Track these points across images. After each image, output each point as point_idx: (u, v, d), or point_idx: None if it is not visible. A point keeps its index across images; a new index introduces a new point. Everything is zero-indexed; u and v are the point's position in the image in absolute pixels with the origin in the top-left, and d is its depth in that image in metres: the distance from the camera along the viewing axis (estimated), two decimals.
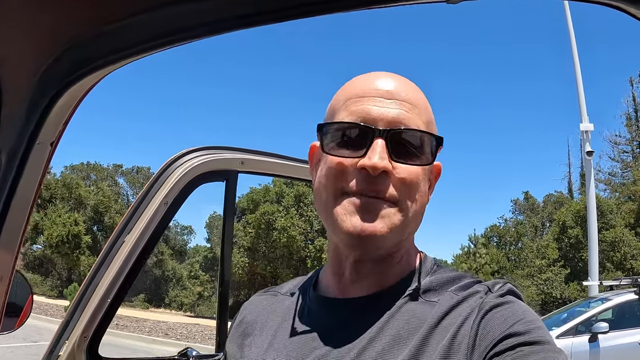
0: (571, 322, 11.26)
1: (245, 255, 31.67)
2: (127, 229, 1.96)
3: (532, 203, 38.44)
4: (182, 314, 33.74)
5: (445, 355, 0.97)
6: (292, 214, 31.25)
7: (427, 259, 1.19)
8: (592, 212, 18.19)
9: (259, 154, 2.26)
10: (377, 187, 1.04)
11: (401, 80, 1.12)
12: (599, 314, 11.47)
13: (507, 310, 1.01)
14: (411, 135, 1.07)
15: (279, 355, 1.11)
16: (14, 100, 1.17)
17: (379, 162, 1.02)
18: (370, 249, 1.07)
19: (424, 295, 1.09)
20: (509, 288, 1.09)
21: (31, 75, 1.14)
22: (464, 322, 1.01)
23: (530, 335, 0.95)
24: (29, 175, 1.25)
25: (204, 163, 2.07)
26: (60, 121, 1.23)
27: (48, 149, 1.27)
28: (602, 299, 12.36)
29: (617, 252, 28.73)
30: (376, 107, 1.07)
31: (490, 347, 0.95)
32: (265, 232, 31.42)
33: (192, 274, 37.22)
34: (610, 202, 31.30)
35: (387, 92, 1.08)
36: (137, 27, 1.05)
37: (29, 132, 1.20)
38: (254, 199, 32.84)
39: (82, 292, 1.95)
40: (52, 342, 1.95)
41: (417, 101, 1.11)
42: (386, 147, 1.04)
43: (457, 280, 1.12)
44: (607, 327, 10.78)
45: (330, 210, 1.08)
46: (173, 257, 41.64)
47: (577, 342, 10.73)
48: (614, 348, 10.68)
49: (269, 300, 1.31)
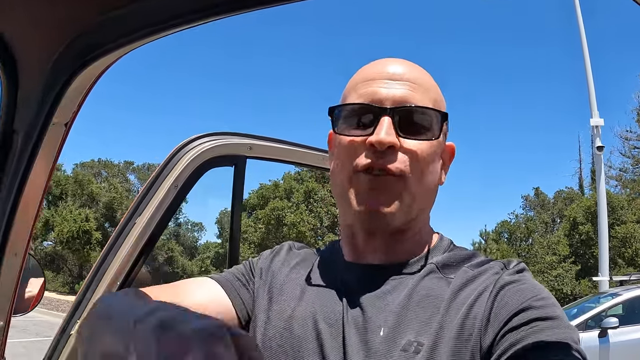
0: (581, 317, 11.16)
1: (255, 251, 31.72)
2: (138, 212, 2.00)
3: (542, 199, 38.28)
4: None
5: (461, 330, 1.00)
6: (301, 210, 31.32)
7: (444, 238, 1.23)
8: (602, 207, 18.09)
9: (267, 140, 2.29)
10: (384, 162, 1.07)
11: (408, 64, 1.17)
12: (609, 309, 11.38)
13: (522, 286, 1.03)
14: (417, 111, 1.11)
15: (305, 314, 1.13)
16: (30, 82, 1.21)
17: (385, 137, 1.06)
18: (380, 225, 1.11)
19: (442, 271, 1.12)
20: (523, 266, 1.12)
21: (46, 59, 1.18)
22: (479, 296, 1.03)
23: (546, 310, 0.97)
24: (44, 155, 1.29)
25: (213, 148, 2.10)
26: (74, 103, 1.27)
27: (63, 129, 1.30)
28: (612, 294, 12.27)
29: (628, 248, 28.58)
30: (383, 88, 1.11)
31: (505, 321, 0.97)
32: (275, 228, 31.49)
33: (203, 270, 37.28)
34: (621, 198, 31.15)
35: (394, 74, 1.13)
36: (143, 12, 1.09)
37: (44, 113, 1.24)
38: (263, 195, 32.95)
39: (94, 272, 1.99)
40: (64, 321, 1.99)
41: (422, 80, 1.15)
42: (393, 124, 1.08)
43: (473, 257, 1.15)
44: (617, 322, 10.69)
45: (343, 191, 1.13)
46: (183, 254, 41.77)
47: (586, 337, 10.64)
48: (624, 343, 10.60)
49: (302, 254, 1.33)
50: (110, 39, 1.14)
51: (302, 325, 1.12)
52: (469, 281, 1.08)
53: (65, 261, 38.06)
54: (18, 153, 1.27)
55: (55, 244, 37.16)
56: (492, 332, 0.97)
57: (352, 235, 1.19)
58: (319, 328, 1.10)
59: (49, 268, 37.22)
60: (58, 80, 1.20)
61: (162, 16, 1.07)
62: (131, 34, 1.12)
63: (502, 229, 35.69)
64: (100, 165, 44.52)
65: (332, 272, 1.21)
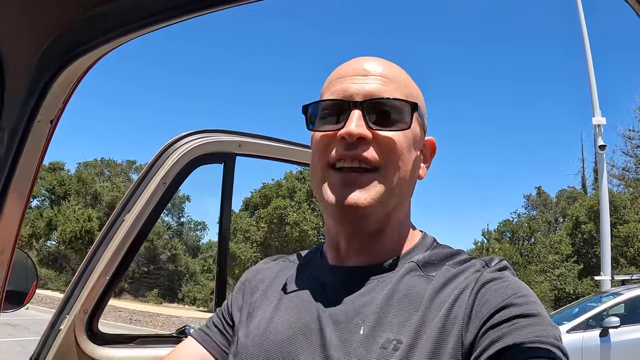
0: (582, 317, 11.13)
1: (258, 250, 31.74)
2: (127, 209, 2.01)
3: (544, 198, 38.20)
4: (195, 309, 33.84)
5: (442, 328, 1.00)
6: (304, 209, 31.30)
7: (427, 236, 1.23)
8: (604, 206, 18.06)
9: (257, 137, 2.30)
10: (356, 152, 1.09)
11: (381, 61, 1.19)
12: (610, 309, 11.35)
13: (503, 283, 1.03)
14: (386, 103, 1.12)
15: (286, 318, 1.15)
16: (14, 79, 1.21)
17: (354, 128, 1.08)
18: (356, 221, 1.12)
19: (423, 269, 1.12)
20: (505, 264, 1.12)
21: (30, 56, 1.19)
22: (460, 294, 1.03)
23: (527, 307, 0.97)
24: (29, 152, 1.29)
25: (202, 145, 2.11)
26: (59, 100, 1.27)
27: (48, 126, 1.30)
28: (613, 293, 12.22)
29: (630, 248, 28.51)
30: (354, 84, 1.13)
31: (486, 319, 0.97)
32: (277, 227, 31.49)
33: (205, 269, 37.30)
34: (623, 197, 31.07)
35: (364, 70, 1.15)
36: (127, 8, 1.09)
37: (29, 110, 1.24)
38: (266, 194, 32.92)
39: (83, 268, 2.00)
40: (53, 317, 2.00)
41: (394, 75, 1.17)
42: (363, 117, 1.10)
43: (456, 255, 1.15)
44: (618, 322, 10.65)
45: (319, 187, 1.14)
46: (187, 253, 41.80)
47: (588, 336, 10.62)
48: (625, 343, 10.56)
49: (279, 265, 1.36)
50: (94, 35, 1.14)
51: (276, 332, 1.14)
52: (450, 279, 1.08)
53: (68, 260, 38.10)
54: (4, 150, 1.27)
55: (58, 243, 37.21)
56: (474, 330, 0.98)
57: (334, 238, 1.20)
58: (294, 332, 1.11)
59: (51, 267, 37.31)
60: (42, 77, 1.20)
61: (147, 12, 1.08)
62: (115, 30, 1.12)
63: (505, 228, 35.60)
64: (102, 164, 44.60)
65: (313, 276, 1.23)
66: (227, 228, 2.20)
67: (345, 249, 1.18)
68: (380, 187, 1.10)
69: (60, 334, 1.96)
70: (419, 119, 1.18)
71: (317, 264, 1.26)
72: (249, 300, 1.28)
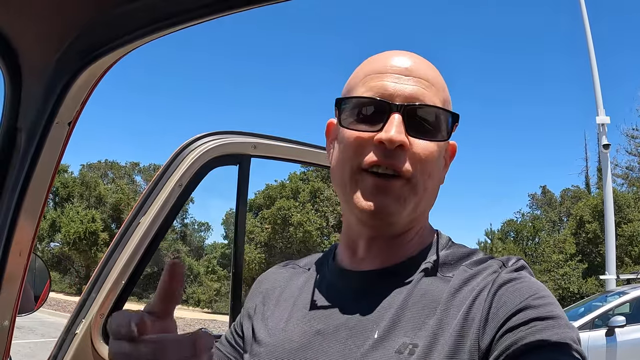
0: (588, 316, 11.11)
1: (262, 251, 31.71)
2: (143, 211, 2.01)
3: (549, 197, 38.14)
4: (199, 310, 33.84)
5: (460, 330, 0.98)
6: (307, 210, 31.27)
7: (442, 235, 1.20)
8: (609, 205, 18.02)
9: (272, 139, 2.29)
10: (393, 161, 1.05)
11: (419, 59, 1.13)
12: (616, 308, 11.34)
13: (521, 284, 1.00)
14: (427, 111, 1.08)
15: (299, 326, 1.13)
16: (33, 81, 1.21)
17: (396, 135, 1.03)
18: (384, 227, 1.09)
19: (439, 270, 1.10)
20: (522, 264, 1.09)
21: (49, 57, 1.19)
22: (477, 296, 1.01)
23: (545, 309, 0.95)
24: (47, 154, 1.29)
25: (217, 147, 2.11)
26: (77, 102, 1.27)
27: (66, 128, 1.30)
28: (619, 292, 12.21)
29: (634, 247, 28.44)
30: (393, 83, 1.07)
31: (504, 321, 0.95)
32: (281, 228, 31.46)
33: (209, 270, 37.30)
34: (627, 196, 31.00)
35: (405, 70, 1.09)
36: (145, 9, 1.08)
37: (48, 112, 1.24)
38: (270, 195, 32.91)
39: (99, 271, 2.00)
40: (69, 320, 2.00)
41: (435, 79, 1.12)
42: (403, 122, 1.05)
43: (472, 255, 1.12)
44: (624, 321, 10.63)
45: (347, 187, 1.10)
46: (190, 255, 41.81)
47: (593, 336, 10.59)
48: (631, 342, 10.53)
49: (289, 272, 1.33)
50: (112, 37, 1.14)
51: (290, 340, 1.12)
52: (468, 280, 1.06)
53: (72, 262, 38.14)
54: (22, 151, 1.27)
55: (62, 245, 37.22)
56: (491, 332, 0.96)
57: (352, 241, 1.17)
58: (308, 339, 1.09)
59: (56, 269, 37.30)
60: (61, 79, 1.20)
61: (165, 13, 1.06)
62: (133, 32, 1.11)
63: (509, 228, 35.55)
64: (106, 166, 44.61)
65: (326, 281, 1.20)
66: (243, 229, 2.19)
67: (364, 252, 1.15)
68: (412, 198, 1.07)
69: (76, 338, 1.96)
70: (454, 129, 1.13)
71: (331, 268, 1.23)
72: (261, 310, 1.26)
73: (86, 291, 2.01)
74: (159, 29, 1.10)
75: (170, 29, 1.09)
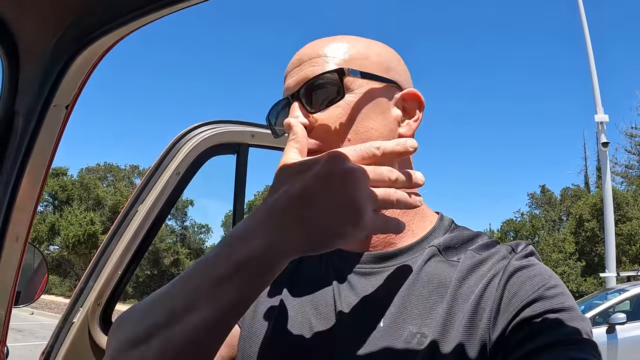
0: (589, 314, 11.10)
1: None
2: (140, 199, 2.00)
3: (549, 197, 38.15)
4: None
5: (471, 320, 0.94)
6: None
7: (445, 217, 1.17)
8: (608, 203, 18.03)
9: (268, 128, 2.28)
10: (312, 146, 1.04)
11: (316, 41, 1.12)
12: (617, 305, 11.36)
13: (532, 272, 0.97)
14: (312, 85, 1.05)
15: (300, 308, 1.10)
16: (30, 64, 1.21)
17: (288, 119, 1.00)
18: None
19: (444, 254, 1.06)
20: (531, 249, 1.06)
21: (46, 40, 1.18)
22: (488, 284, 0.98)
23: (557, 300, 0.92)
24: (45, 137, 1.28)
25: (215, 135, 2.10)
26: (75, 85, 1.26)
27: (63, 112, 1.30)
28: (619, 290, 12.24)
29: (632, 246, 28.46)
30: (291, 78, 1.08)
31: (516, 312, 0.92)
32: None
33: None
34: (627, 194, 31.03)
35: (297, 60, 1.09)
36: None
37: (45, 94, 1.23)
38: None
39: (96, 260, 2.00)
40: (66, 310, 1.99)
41: (326, 50, 1.09)
42: (301, 106, 1.04)
43: (477, 238, 1.09)
44: (624, 318, 10.66)
45: None
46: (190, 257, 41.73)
47: (595, 333, 10.38)
48: (632, 339, 10.55)
49: None
50: (110, 18, 1.12)
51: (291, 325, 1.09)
52: (476, 266, 1.02)
53: (72, 265, 38.11)
54: (19, 135, 1.26)
55: (62, 248, 37.22)
56: (502, 324, 0.92)
57: None
58: (312, 324, 1.06)
59: (55, 272, 37.28)
60: (58, 61, 1.20)
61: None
62: (131, 12, 1.10)
63: (508, 228, 35.54)
64: (105, 169, 44.65)
65: (325, 264, 1.16)
66: (242, 217, 2.18)
67: None
68: None
69: (74, 327, 1.95)
70: (370, 80, 1.08)
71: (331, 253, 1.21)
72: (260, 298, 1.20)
73: (83, 280, 2.00)
74: (156, 9, 1.08)
75: (167, 8, 1.08)
